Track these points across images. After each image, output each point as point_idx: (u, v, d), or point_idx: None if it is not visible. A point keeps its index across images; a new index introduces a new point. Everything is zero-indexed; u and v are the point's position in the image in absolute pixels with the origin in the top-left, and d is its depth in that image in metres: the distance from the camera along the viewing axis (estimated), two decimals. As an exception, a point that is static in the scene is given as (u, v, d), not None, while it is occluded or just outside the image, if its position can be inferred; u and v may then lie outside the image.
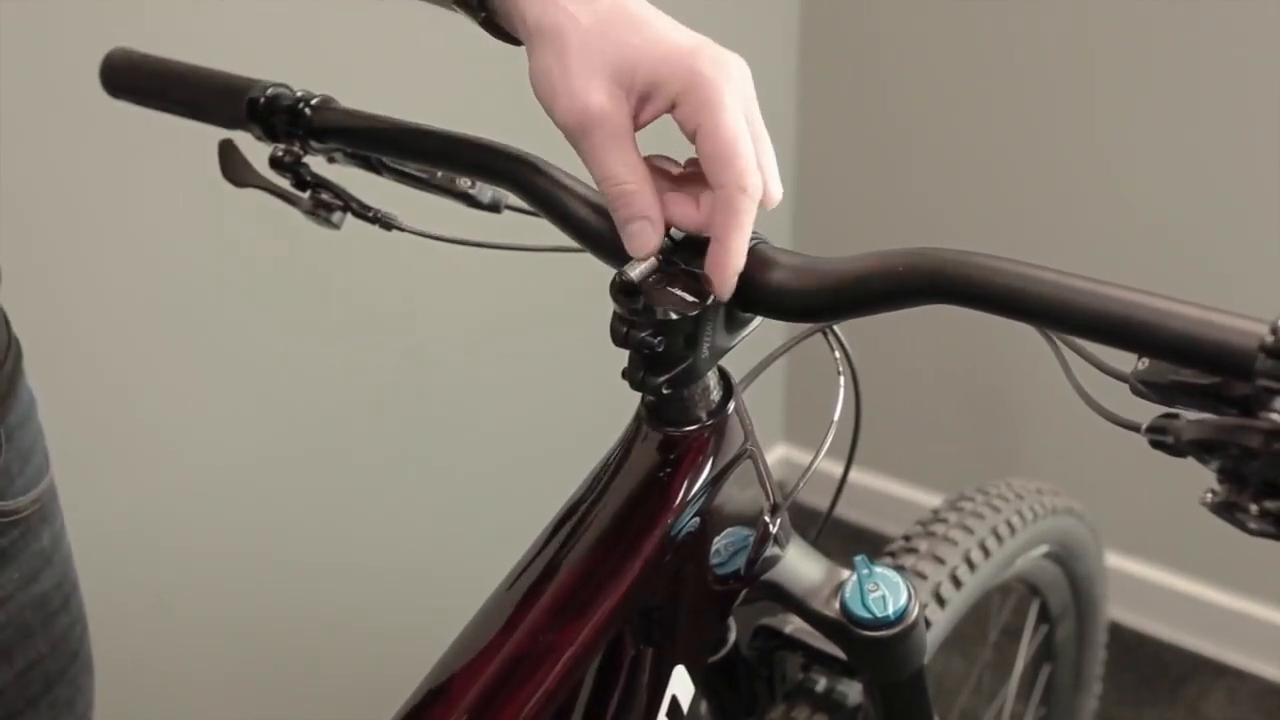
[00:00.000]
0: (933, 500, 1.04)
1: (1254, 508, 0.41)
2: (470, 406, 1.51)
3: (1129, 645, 1.82)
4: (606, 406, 0.85)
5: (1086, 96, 1.63)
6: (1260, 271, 1.55)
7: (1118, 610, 1.74)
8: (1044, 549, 1.03)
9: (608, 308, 0.54)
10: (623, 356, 0.56)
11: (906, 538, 0.94)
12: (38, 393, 0.69)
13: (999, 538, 0.94)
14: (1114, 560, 1.62)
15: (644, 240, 0.52)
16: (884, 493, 2.05)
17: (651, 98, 0.51)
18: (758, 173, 0.51)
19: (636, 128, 0.52)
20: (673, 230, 0.54)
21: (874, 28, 1.80)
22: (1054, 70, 1.65)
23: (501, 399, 1.55)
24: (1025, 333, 0.48)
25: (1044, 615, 1.15)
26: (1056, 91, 1.66)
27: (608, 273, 0.55)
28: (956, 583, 0.89)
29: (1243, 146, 1.53)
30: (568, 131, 0.52)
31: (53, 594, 0.69)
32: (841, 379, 0.68)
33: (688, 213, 0.53)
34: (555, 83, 0.51)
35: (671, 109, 0.51)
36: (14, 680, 0.67)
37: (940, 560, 0.89)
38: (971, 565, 0.91)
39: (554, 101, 0.52)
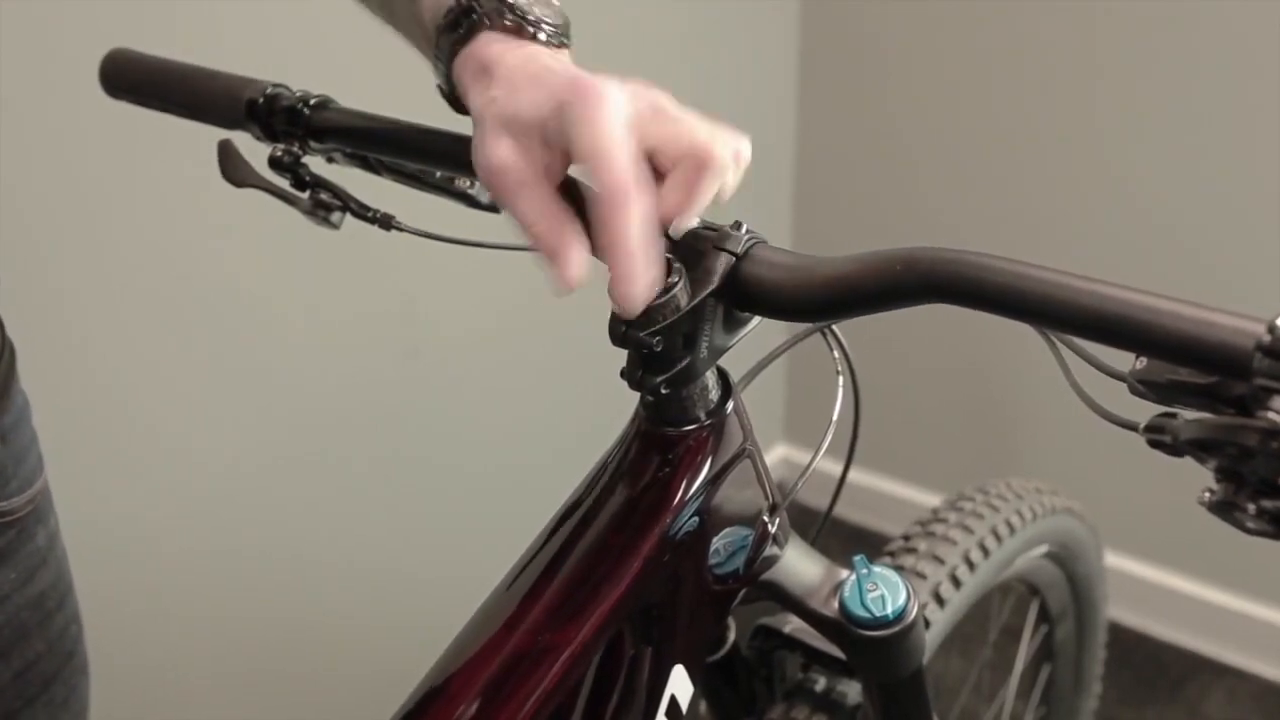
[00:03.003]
0: (932, 500, 1.04)
1: (1251, 507, 0.41)
2: (469, 406, 1.51)
3: (1129, 645, 1.82)
4: (605, 406, 0.85)
5: (1086, 95, 1.63)
6: (1258, 271, 1.55)
7: (1118, 610, 1.74)
8: (1043, 549, 1.03)
9: (606, 307, 0.54)
10: (622, 356, 0.56)
11: (906, 537, 0.94)
12: (31, 395, 0.69)
13: (998, 537, 0.94)
14: (1114, 560, 1.62)
15: (558, 276, 0.52)
16: (883, 492, 2.05)
17: (548, 142, 0.52)
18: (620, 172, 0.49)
19: (563, 169, 0.53)
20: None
21: (874, 28, 1.80)
22: (1054, 69, 1.65)
23: (500, 398, 1.55)
24: (1025, 332, 0.48)
25: (1044, 615, 1.15)
26: (1056, 91, 1.66)
27: (604, 272, 0.55)
28: (956, 582, 0.89)
29: (1242, 146, 1.53)
30: (488, 189, 0.54)
31: (49, 594, 0.69)
32: (840, 379, 0.68)
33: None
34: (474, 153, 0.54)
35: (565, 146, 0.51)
36: (11, 680, 0.67)
37: (940, 560, 0.89)
38: (971, 565, 0.91)
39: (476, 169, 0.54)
